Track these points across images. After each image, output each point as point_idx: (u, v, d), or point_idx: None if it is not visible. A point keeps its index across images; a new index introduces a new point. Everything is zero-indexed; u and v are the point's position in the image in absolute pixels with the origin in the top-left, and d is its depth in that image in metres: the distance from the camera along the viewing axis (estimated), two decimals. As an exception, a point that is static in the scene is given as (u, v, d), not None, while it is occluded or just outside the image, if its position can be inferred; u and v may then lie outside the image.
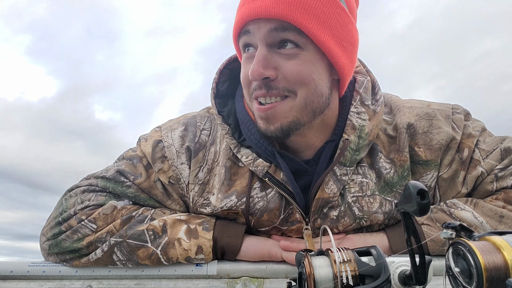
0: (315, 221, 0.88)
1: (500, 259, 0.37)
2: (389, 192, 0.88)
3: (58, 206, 0.92)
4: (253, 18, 0.74)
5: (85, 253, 0.86)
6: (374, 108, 0.87)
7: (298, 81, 0.76)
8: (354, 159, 0.85)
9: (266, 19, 0.74)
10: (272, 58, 0.76)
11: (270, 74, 0.75)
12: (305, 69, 0.76)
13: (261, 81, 0.76)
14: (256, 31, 0.75)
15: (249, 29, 0.76)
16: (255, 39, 0.76)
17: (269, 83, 0.76)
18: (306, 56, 0.76)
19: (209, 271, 0.87)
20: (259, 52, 0.76)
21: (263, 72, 0.74)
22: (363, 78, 0.90)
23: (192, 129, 0.94)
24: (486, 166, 0.87)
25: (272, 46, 0.76)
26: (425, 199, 0.40)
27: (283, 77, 0.76)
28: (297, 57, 0.76)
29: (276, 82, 0.76)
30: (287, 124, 0.78)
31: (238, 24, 0.78)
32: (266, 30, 0.74)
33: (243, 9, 0.76)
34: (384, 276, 0.47)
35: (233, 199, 0.88)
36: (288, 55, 0.76)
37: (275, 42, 0.76)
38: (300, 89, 0.77)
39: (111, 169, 0.94)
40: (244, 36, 0.78)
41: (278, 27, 0.74)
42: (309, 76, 0.76)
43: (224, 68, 0.95)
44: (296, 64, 0.75)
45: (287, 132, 0.79)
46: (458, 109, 0.91)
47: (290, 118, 0.78)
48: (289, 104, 0.77)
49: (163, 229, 0.86)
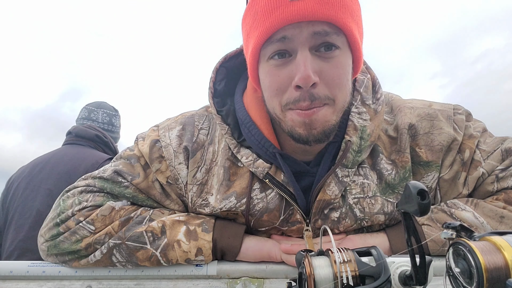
0: (316, 222, 0.87)
1: (500, 259, 0.37)
2: (390, 193, 0.87)
3: (56, 207, 0.91)
4: (295, 21, 0.70)
5: (84, 254, 0.86)
6: (375, 107, 0.87)
7: (338, 85, 0.74)
8: (356, 160, 0.85)
9: (308, 22, 0.70)
10: (314, 62, 0.72)
11: (317, 80, 0.72)
12: (343, 71, 0.75)
13: (306, 89, 0.72)
14: (297, 35, 0.71)
15: (286, 34, 0.72)
16: (294, 44, 0.72)
17: (311, 91, 0.72)
18: (342, 56, 0.74)
19: (209, 271, 0.87)
20: (304, 56, 0.71)
21: (313, 78, 0.71)
22: (363, 76, 0.89)
23: (190, 129, 0.94)
24: (487, 167, 0.86)
25: (311, 49, 0.73)
26: (425, 199, 0.40)
27: (324, 83, 0.73)
28: (336, 59, 0.73)
29: (318, 90, 0.73)
30: (329, 128, 0.77)
31: (270, 30, 0.72)
32: (309, 33, 0.71)
33: (276, 13, 0.70)
34: (384, 277, 0.47)
35: (232, 200, 0.87)
36: (329, 58, 0.73)
37: (315, 45, 0.73)
38: (339, 94, 0.75)
39: (108, 169, 0.93)
40: (278, 43, 0.73)
41: (321, 31, 0.71)
42: (345, 78, 0.75)
43: (220, 66, 0.94)
44: (335, 67, 0.73)
45: (328, 136, 0.78)
46: (460, 109, 0.91)
47: (331, 122, 0.76)
48: (329, 110, 0.75)
49: (162, 231, 0.86)
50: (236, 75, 0.95)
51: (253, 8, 0.74)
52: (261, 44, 0.75)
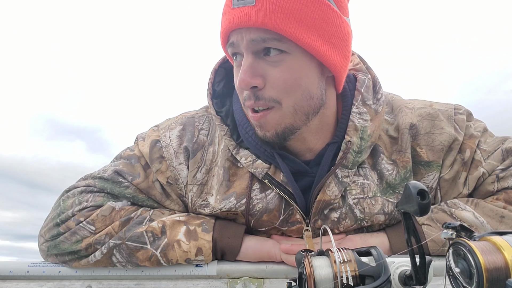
0: (316, 222, 0.87)
1: (500, 259, 0.37)
2: (391, 193, 0.87)
3: (56, 207, 0.91)
4: (235, 28, 0.73)
5: (84, 254, 0.86)
6: (375, 107, 0.86)
7: (285, 89, 0.75)
8: (356, 161, 0.85)
9: (247, 28, 0.72)
10: (258, 66, 0.74)
11: (258, 82, 0.74)
12: (291, 76, 0.74)
13: (249, 90, 0.75)
14: (239, 41, 0.74)
15: (233, 40, 0.75)
16: (240, 49, 0.76)
17: (256, 93, 0.75)
18: (293, 61, 0.74)
19: (209, 271, 0.87)
20: (245, 61, 0.74)
21: (250, 81, 0.73)
22: (364, 76, 0.89)
23: (190, 129, 0.93)
24: (488, 167, 0.86)
25: (257, 53, 0.74)
26: (425, 199, 0.40)
27: (270, 86, 0.75)
28: (283, 63, 0.74)
29: (263, 91, 0.75)
30: (282, 130, 0.78)
31: (223, 35, 0.77)
32: (248, 40, 0.73)
33: (224, 19, 0.75)
34: (384, 277, 0.47)
35: (232, 200, 0.87)
36: (274, 62, 0.74)
37: (259, 50, 0.74)
38: (286, 98, 0.75)
39: (108, 169, 0.93)
40: (230, 47, 0.77)
41: (257, 38, 0.72)
42: (296, 83, 0.75)
43: (219, 67, 0.94)
44: (282, 71, 0.74)
45: (283, 137, 0.80)
46: (460, 109, 0.91)
47: (282, 125, 0.78)
48: (277, 113, 0.77)
49: (162, 231, 0.86)
50: None
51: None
52: (224, 46, 0.80)
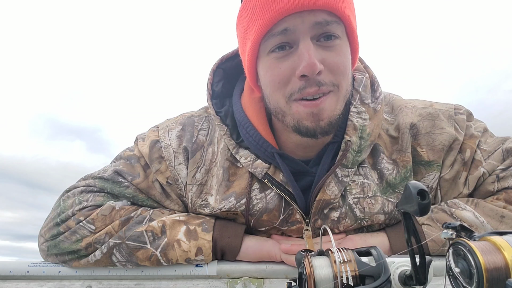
0: (316, 222, 0.87)
1: (500, 259, 0.37)
2: (391, 193, 0.87)
3: (56, 207, 0.92)
4: (297, 10, 0.69)
5: (84, 254, 0.86)
6: (374, 106, 0.86)
7: (342, 72, 0.74)
8: (356, 160, 0.85)
9: (309, 11, 0.70)
10: (317, 51, 0.72)
11: (322, 67, 0.72)
12: (345, 59, 0.75)
13: (312, 77, 0.72)
14: (298, 26, 0.71)
15: (288, 26, 0.71)
16: (296, 35, 0.72)
17: (318, 79, 0.72)
18: (342, 46, 0.75)
19: (209, 271, 0.87)
20: (307, 45, 0.71)
21: (319, 66, 0.71)
22: (362, 75, 0.89)
23: (189, 129, 0.94)
24: (488, 167, 0.86)
25: (313, 38, 0.72)
26: (426, 199, 0.40)
27: (328, 71, 0.73)
28: (338, 48, 0.74)
29: (324, 76, 0.73)
30: (335, 118, 0.76)
31: (270, 21, 0.71)
32: (311, 23, 0.70)
33: (276, 5, 0.70)
34: (384, 277, 0.47)
35: (232, 200, 0.87)
36: (330, 47, 0.73)
37: (317, 35, 0.72)
38: (342, 81, 0.75)
39: (108, 169, 0.94)
40: (280, 35, 0.72)
41: (322, 21, 0.71)
42: (348, 67, 0.76)
43: (217, 68, 0.94)
44: (337, 55, 0.74)
45: (335, 126, 0.78)
46: (461, 109, 0.91)
47: (337, 111, 0.76)
48: (334, 98, 0.75)
49: (162, 230, 0.86)
50: (234, 77, 0.95)
51: (251, 3, 0.74)
52: (261, 37, 0.74)
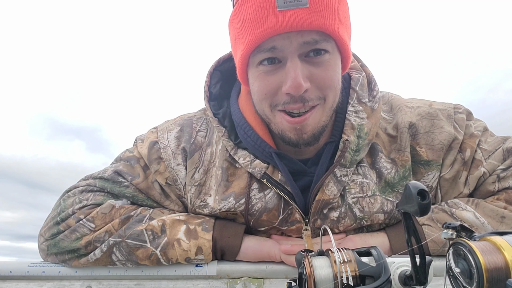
0: (315, 221, 0.87)
1: (500, 260, 0.37)
2: (390, 192, 0.87)
3: (56, 207, 0.92)
4: (284, 31, 0.69)
5: (83, 253, 0.86)
6: (371, 105, 0.86)
7: (329, 87, 0.75)
8: (354, 159, 0.85)
9: (298, 32, 0.70)
10: (305, 69, 0.73)
11: (308, 85, 0.73)
12: (333, 73, 0.76)
13: (298, 95, 0.73)
14: (286, 45, 0.71)
15: (275, 45, 0.72)
16: (284, 53, 0.72)
17: (303, 95, 0.73)
18: (333, 59, 0.75)
19: (209, 271, 0.87)
20: (294, 64, 0.72)
21: (305, 85, 0.72)
22: (358, 74, 0.89)
23: (188, 130, 0.94)
24: (488, 167, 0.86)
25: (301, 56, 0.73)
26: (426, 199, 0.40)
27: (315, 86, 0.74)
28: (327, 63, 0.74)
29: (310, 93, 0.74)
30: (319, 130, 0.78)
31: (258, 39, 0.71)
32: (299, 43, 0.71)
33: (265, 23, 0.70)
34: (384, 277, 0.47)
35: (231, 200, 0.87)
36: (319, 63, 0.74)
37: (305, 52, 0.73)
38: (329, 94, 0.76)
39: (108, 169, 0.94)
40: (268, 52, 0.73)
41: (311, 41, 0.71)
42: (336, 80, 0.76)
43: (214, 70, 0.94)
44: (326, 70, 0.74)
45: (318, 137, 0.80)
46: (460, 108, 0.91)
47: (321, 123, 0.78)
48: (319, 111, 0.77)
49: (162, 229, 0.86)
50: (231, 78, 0.96)
51: (241, 14, 0.74)
52: (250, 52, 0.75)
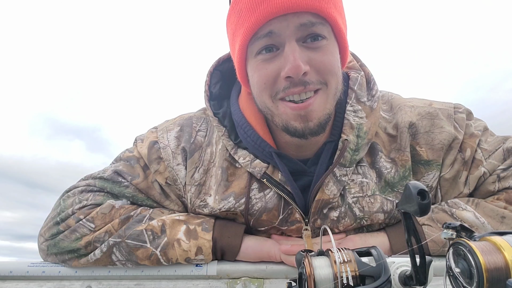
0: (315, 221, 0.87)
1: (500, 260, 0.37)
2: (390, 192, 0.87)
3: (56, 207, 0.92)
4: (281, 13, 0.70)
5: (83, 253, 0.86)
6: (370, 104, 0.86)
7: (329, 71, 0.75)
8: (354, 159, 0.84)
9: (294, 14, 0.71)
10: (303, 53, 0.73)
11: (307, 68, 0.73)
12: (333, 59, 0.76)
13: (297, 78, 0.73)
14: (283, 28, 0.72)
15: (272, 29, 0.72)
16: (281, 38, 0.73)
17: (303, 78, 0.73)
18: (330, 45, 0.76)
19: (209, 271, 0.87)
20: (292, 48, 0.72)
21: (304, 67, 0.72)
22: (357, 74, 0.89)
23: (187, 130, 0.94)
24: (488, 166, 0.86)
25: (299, 40, 0.73)
26: (426, 199, 0.40)
27: (315, 71, 0.74)
28: (325, 48, 0.75)
29: (310, 76, 0.74)
30: (324, 118, 0.77)
31: (256, 24, 0.72)
32: (295, 25, 0.71)
33: (261, 8, 0.70)
34: (384, 277, 0.47)
35: (231, 200, 0.87)
36: (317, 48, 0.74)
37: (302, 36, 0.73)
38: (331, 79, 0.76)
39: (108, 169, 0.94)
40: (265, 38, 0.73)
41: (307, 22, 0.71)
42: (336, 66, 0.76)
43: (214, 70, 0.94)
44: (324, 55, 0.74)
45: (324, 126, 0.79)
46: (460, 108, 0.91)
47: (326, 110, 0.77)
48: (323, 96, 0.76)
49: (162, 229, 0.86)
50: (231, 78, 0.96)
51: (237, 6, 0.75)
52: (248, 40, 0.75)
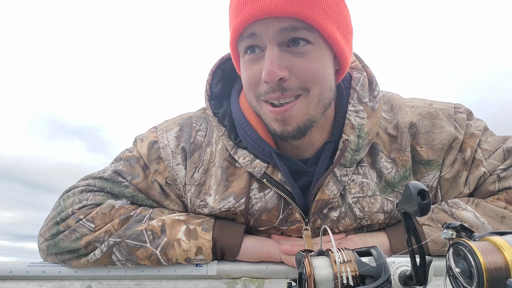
0: (315, 221, 0.87)
1: (500, 260, 0.37)
2: (390, 192, 0.87)
3: (56, 207, 0.92)
4: (261, 17, 0.70)
5: (83, 253, 0.86)
6: (372, 105, 0.86)
7: (312, 79, 0.74)
8: (354, 159, 0.84)
9: (275, 18, 0.70)
10: (284, 58, 0.72)
11: (285, 74, 0.72)
12: (318, 65, 0.74)
13: (274, 83, 0.73)
14: (264, 32, 0.72)
15: (254, 31, 0.72)
16: (263, 40, 0.73)
17: (282, 84, 0.73)
18: (317, 52, 0.74)
19: (209, 271, 0.87)
20: (271, 52, 0.72)
21: (279, 73, 0.71)
22: (359, 74, 0.89)
23: (187, 130, 0.94)
24: (489, 166, 0.86)
25: (281, 45, 0.73)
26: (426, 199, 0.40)
27: (295, 77, 0.73)
28: (309, 54, 0.73)
29: (289, 82, 0.73)
30: (304, 123, 0.77)
31: (240, 26, 0.73)
32: (276, 29, 0.71)
33: (244, 10, 0.71)
34: (384, 277, 0.47)
35: (231, 200, 0.87)
36: (300, 53, 0.73)
37: (285, 41, 0.73)
38: (313, 86, 0.75)
39: (108, 169, 0.94)
40: (248, 39, 0.74)
41: (288, 27, 0.71)
42: (321, 72, 0.75)
43: (216, 69, 0.94)
44: (308, 61, 0.73)
45: (304, 131, 0.78)
46: (461, 108, 0.91)
47: (306, 116, 0.77)
48: (304, 102, 0.75)
49: (162, 229, 0.86)
50: (233, 77, 0.96)
51: (231, 4, 0.76)
52: (235, 40, 0.76)
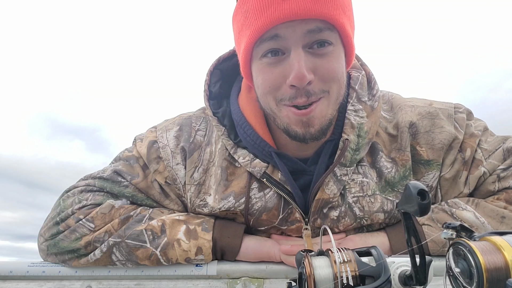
0: (315, 221, 0.87)
1: (500, 260, 0.37)
2: (390, 191, 0.87)
3: (56, 207, 0.92)
4: (288, 20, 0.69)
5: (83, 253, 0.86)
6: (371, 104, 0.86)
7: (333, 79, 0.74)
8: (354, 159, 0.84)
9: (301, 20, 0.69)
10: (308, 60, 0.72)
11: (312, 77, 0.71)
12: (337, 65, 0.74)
13: (302, 87, 0.72)
14: (289, 34, 0.70)
15: (279, 33, 0.71)
16: (287, 43, 0.71)
17: (307, 88, 0.72)
18: (336, 51, 0.74)
19: (209, 271, 0.87)
20: (299, 55, 0.71)
21: (309, 77, 0.70)
22: (358, 73, 0.89)
23: (187, 129, 0.94)
24: (488, 166, 0.86)
25: (305, 47, 0.72)
26: (426, 199, 0.40)
27: (319, 79, 0.73)
28: (330, 54, 0.73)
29: (313, 86, 0.73)
30: (326, 123, 0.77)
31: (262, 28, 0.70)
32: (303, 32, 0.70)
33: (269, 12, 0.69)
34: (384, 277, 0.47)
35: (231, 200, 0.87)
36: (323, 54, 0.73)
37: (309, 43, 0.72)
38: (333, 86, 0.75)
39: (108, 169, 0.94)
40: (270, 41, 0.72)
41: (315, 29, 0.70)
42: (340, 71, 0.75)
43: (214, 69, 0.94)
44: (330, 61, 0.73)
45: (325, 131, 0.78)
46: (460, 108, 0.91)
47: (328, 116, 0.77)
48: (325, 103, 0.75)
49: (162, 229, 0.86)
50: (231, 77, 0.96)
51: (244, 6, 0.74)
52: (253, 43, 0.74)
